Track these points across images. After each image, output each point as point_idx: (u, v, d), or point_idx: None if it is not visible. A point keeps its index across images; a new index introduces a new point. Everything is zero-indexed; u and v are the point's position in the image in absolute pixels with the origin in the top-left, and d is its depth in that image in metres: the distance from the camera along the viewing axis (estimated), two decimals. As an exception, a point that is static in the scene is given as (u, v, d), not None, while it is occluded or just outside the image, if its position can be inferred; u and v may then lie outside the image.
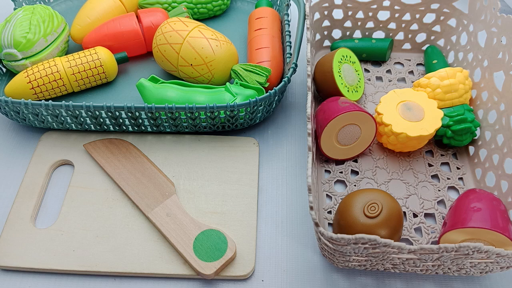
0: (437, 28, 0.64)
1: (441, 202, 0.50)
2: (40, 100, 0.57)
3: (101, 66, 0.57)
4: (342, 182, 0.52)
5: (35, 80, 0.55)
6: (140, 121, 0.52)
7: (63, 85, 0.56)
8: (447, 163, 0.53)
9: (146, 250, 0.45)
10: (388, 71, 0.64)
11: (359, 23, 0.64)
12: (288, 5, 0.62)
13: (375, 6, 0.61)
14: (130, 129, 0.54)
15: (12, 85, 0.55)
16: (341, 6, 0.62)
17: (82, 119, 0.52)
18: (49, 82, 0.55)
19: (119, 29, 0.61)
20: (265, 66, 0.56)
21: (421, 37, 0.65)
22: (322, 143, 0.50)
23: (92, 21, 0.63)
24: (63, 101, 0.50)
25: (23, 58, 0.57)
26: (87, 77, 0.57)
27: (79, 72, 0.56)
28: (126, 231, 0.46)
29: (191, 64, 0.55)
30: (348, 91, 0.56)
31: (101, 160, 0.51)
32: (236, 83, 0.54)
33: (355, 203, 0.42)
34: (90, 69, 0.57)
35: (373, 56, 0.64)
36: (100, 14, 0.63)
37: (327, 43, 0.66)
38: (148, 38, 0.62)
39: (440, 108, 0.53)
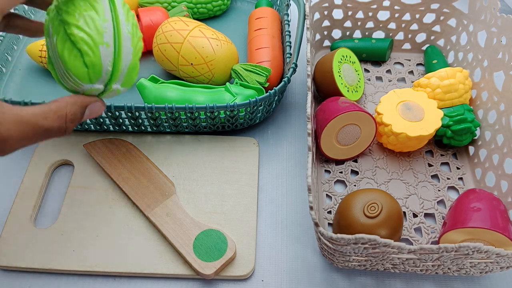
0: (437, 28, 0.64)
1: (441, 202, 0.50)
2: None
3: None
4: (342, 182, 0.52)
5: (44, 57, 0.60)
6: (140, 121, 0.52)
7: None
8: (447, 163, 0.53)
9: (146, 250, 0.45)
10: (388, 71, 0.64)
11: (359, 23, 0.64)
12: (288, 5, 0.62)
13: (375, 6, 0.61)
14: (130, 129, 0.54)
15: (30, 49, 0.60)
16: (341, 6, 0.62)
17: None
18: None
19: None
20: (265, 66, 0.56)
21: (421, 37, 0.65)
22: (322, 143, 0.50)
23: None
24: (63, 101, 0.50)
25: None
26: None
27: None
28: (126, 231, 0.46)
29: (192, 64, 0.55)
30: (348, 91, 0.56)
31: (101, 160, 0.51)
32: (236, 83, 0.54)
33: (355, 203, 0.42)
34: None
35: (373, 56, 0.64)
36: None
37: (327, 43, 0.66)
38: (147, 36, 0.62)
39: (440, 108, 0.53)
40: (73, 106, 0.34)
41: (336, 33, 0.65)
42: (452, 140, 0.52)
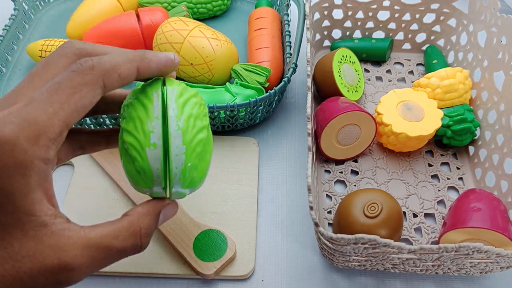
0: (437, 28, 0.64)
1: (441, 202, 0.50)
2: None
3: None
4: (342, 182, 0.52)
5: (45, 51, 0.60)
6: (140, 121, 0.52)
7: None
8: (447, 163, 0.53)
9: (146, 250, 0.45)
10: (388, 71, 0.64)
11: (359, 23, 0.64)
12: (288, 5, 0.62)
13: (375, 6, 0.61)
14: (130, 129, 0.54)
15: (30, 49, 0.61)
16: (341, 6, 0.62)
17: (82, 119, 0.52)
18: None
19: (118, 26, 0.60)
20: (265, 66, 0.56)
21: (421, 37, 0.65)
22: (322, 143, 0.50)
23: (89, 19, 0.63)
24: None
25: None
26: None
27: None
28: (126, 231, 0.46)
29: (192, 64, 0.55)
30: (348, 91, 0.56)
31: (101, 160, 0.51)
32: (236, 83, 0.54)
33: (355, 203, 0.42)
34: None
35: (373, 56, 0.64)
36: (98, 13, 0.64)
37: (327, 43, 0.66)
38: (147, 36, 0.62)
39: (440, 108, 0.53)
40: (146, 218, 0.30)
41: (336, 33, 0.65)
42: (452, 140, 0.52)
